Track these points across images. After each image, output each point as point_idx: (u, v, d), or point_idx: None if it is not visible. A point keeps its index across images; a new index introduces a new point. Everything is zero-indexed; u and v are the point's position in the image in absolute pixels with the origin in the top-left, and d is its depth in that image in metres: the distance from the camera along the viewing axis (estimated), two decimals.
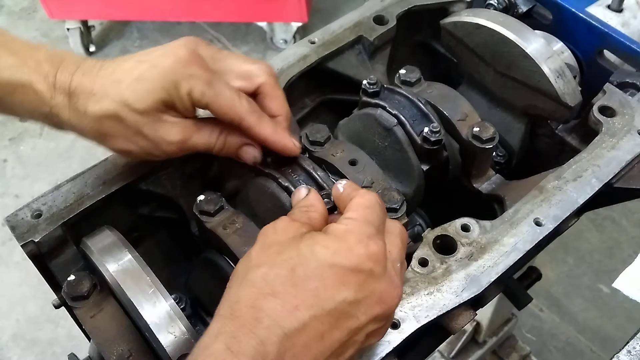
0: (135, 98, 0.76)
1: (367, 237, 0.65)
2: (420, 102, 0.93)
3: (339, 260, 0.62)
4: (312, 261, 0.62)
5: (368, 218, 0.67)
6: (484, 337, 2.20)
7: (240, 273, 0.64)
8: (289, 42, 3.38)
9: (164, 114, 0.78)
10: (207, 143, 0.83)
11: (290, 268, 0.62)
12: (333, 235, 0.65)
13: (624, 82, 1.01)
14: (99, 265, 0.79)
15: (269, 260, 0.63)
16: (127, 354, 0.75)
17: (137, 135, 0.79)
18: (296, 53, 1.04)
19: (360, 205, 0.69)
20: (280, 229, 0.67)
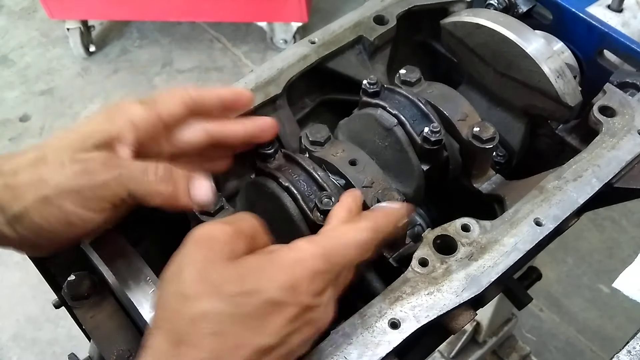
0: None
1: (314, 273, 0.64)
2: (421, 102, 0.93)
3: (281, 297, 0.61)
4: (256, 299, 0.61)
5: (329, 255, 0.66)
6: (484, 337, 2.20)
7: (173, 300, 0.61)
8: (289, 42, 3.38)
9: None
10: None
11: (233, 306, 0.60)
12: (279, 266, 0.63)
13: (624, 82, 1.01)
14: (98, 265, 0.79)
15: (209, 293, 0.60)
16: (127, 354, 0.75)
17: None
18: (296, 53, 1.04)
19: (333, 236, 0.68)
20: (218, 243, 0.63)
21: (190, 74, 3.46)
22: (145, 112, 0.76)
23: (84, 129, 0.74)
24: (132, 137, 0.74)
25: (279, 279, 0.62)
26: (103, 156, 0.71)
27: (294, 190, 0.83)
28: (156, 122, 0.77)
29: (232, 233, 0.64)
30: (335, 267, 0.67)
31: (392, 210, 0.77)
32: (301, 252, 0.65)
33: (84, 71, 3.51)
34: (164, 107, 0.78)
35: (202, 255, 0.63)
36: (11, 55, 3.60)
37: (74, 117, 3.29)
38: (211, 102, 0.82)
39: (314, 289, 0.64)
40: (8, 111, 3.34)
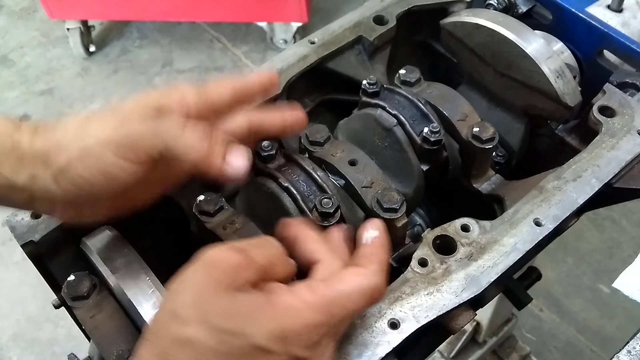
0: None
1: (309, 327, 0.61)
2: (420, 102, 0.93)
3: (269, 346, 0.59)
4: (244, 342, 0.59)
5: (330, 307, 0.63)
6: (484, 337, 2.20)
7: (166, 320, 0.61)
8: (289, 42, 3.38)
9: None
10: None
11: (218, 341, 0.58)
12: (274, 310, 0.61)
13: (624, 82, 1.01)
14: (98, 266, 0.79)
15: (201, 321, 0.59)
16: (127, 354, 0.75)
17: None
18: (296, 53, 1.04)
19: (337, 287, 0.64)
20: (223, 271, 0.62)
21: (190, 74, 3.46)
22: (197, 93, 0.77)
23: (135, 100, 0.76)
24: (182, 111, 0.75)
25: (269, 326, 0.60)
26: (151, 115, 0.73)
27: (294, 191, 0.83)
28: (206, 105, 0.77)
29: (239, 262, 0.62)
30: (334, 318, 0.63)
31: (383, 239, 0.73)
32: (298, 301, 0.62)
33: (84, 71, 3.51)
34: (214, 92, 0.78)
35: (202, 280, 0.61)
36: (11, 55, 3.60)
37: None
38: (253, 89, 0.83)
39: (306, 342, 0.61)
40: (8, 111, 3.34)
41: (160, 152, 0.72)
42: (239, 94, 0.81)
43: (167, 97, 0.76)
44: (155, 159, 0.72)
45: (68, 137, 0.71)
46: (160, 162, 0.73)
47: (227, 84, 0.80)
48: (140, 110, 0.73)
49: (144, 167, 0.72)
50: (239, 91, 0.81)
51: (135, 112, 0.73)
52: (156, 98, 0.75)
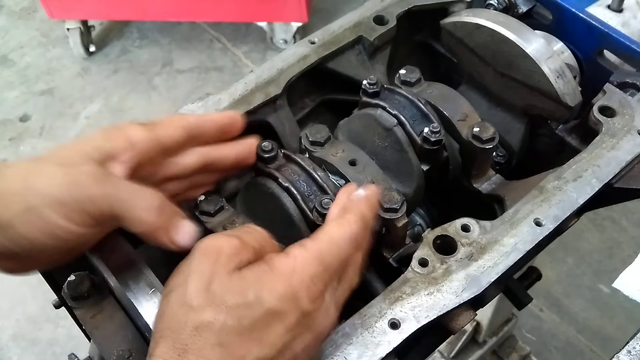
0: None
1: (310, 277, 0.65)
2: (420, 102, 0.93)
3: (281, 307, 0.63)
4: (257, 310, 0.62)
5: (323, 256, 0.67)
6: (484, 337, 2.20)
7: (179, 311, 0.62)
8: (289, 42, 3.39)
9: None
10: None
11: (237, 318, 0.61)
12: (277, 274, 0.64)
13: (624, 82, 1.01)
14: (98, 265, 0.79)
15: (213, 304, 0.61)
16: (127, 354, 0.75)
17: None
18: (296, 53, 1.04)
19: (326, 237, 0.69)
20: (223, 255, 0.64)
21: (190, 74, 3.46)
22: (145, 133, 0.76)
23: (79, 145, 0.74)
24: (128, 156, 0.74)
25: (278, 289, 0.63)
26: (95, 170, 0.71)
27: (294, 191, 0.83)
28: (155, 145, 0.77)
29: (238, 245, 0.65)
30: (330, 267, 0.67)
31: (370, 194, 0.76)
32: (296, 260, 0.66)
33: (84, 71, 3.51)
34: (164, 131, 0.78)
35: (208, 267, 0.63)
36: (11, 55, 3.60)
37: (74, 117, 3.29)
38: (208, 128, 0.83)
39: (312, 294, 0.65)
40: (8, 111, 3.34)
41: (107, 218, 0.71)
42: (192, 133, 0.80)
43: (113, 140, 0.74)
44: (100, 222, 0.71)
45: (10, 191, 0.68)
46: (105, 223, 0.72)
47: (179, 123, 0.79)
48: (85, 160, 0.71)
49: (90, 229, 0.71)
50: (192, 131, 0.80)
51: (81, 165, 0.70)
52: (101, 143, 0.74)
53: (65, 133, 3.22)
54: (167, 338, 0.61)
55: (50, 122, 3.29)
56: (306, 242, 0.68)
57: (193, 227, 0.75)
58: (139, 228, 0.72)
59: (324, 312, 0.67)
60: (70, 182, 0.69)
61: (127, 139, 0.74)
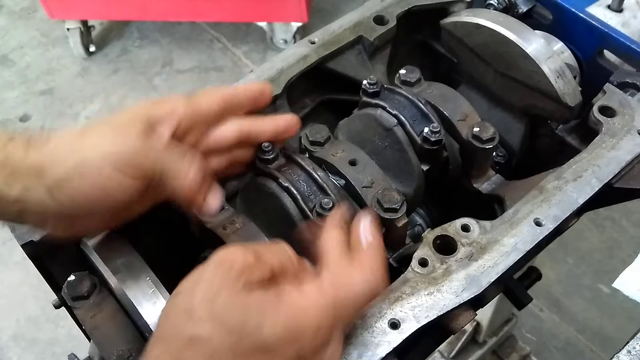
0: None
1: (317, 325, 0.63)
2: (421, 102, 0.93)
3: (281, 346, 0.61)
4: (256, 338, 0.61)
5: (336, 305, 0.65)
6: (484, 337, 2.20)
7: (181, 318, 0.62)
8: (289, 42, 3.38)
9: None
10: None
11: (234, 339, 0.60)
12: (285, 308, 0.62)
13: (624, 82, 1.01)
14: (98, 265, 0.79)
15: (214, 318, 0.60)
16: (127, 354, 0.75)
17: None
18: (296, 53, 1.04)
19: (344, 285, 0.66)
20: (235, 270, 0.63)
21: (190, 74, 3.46)
22: (187, 104, 0.78)
23: (126, 112, 0.76)
24: (173, 123, 0.77)
25: (281, 326, 0.61)
26: (143, 130, 0.74)
27: (294, 191, 0.83)
28: (196, 115, 0.79)
29: (252, 261, 0.64)
30: (342, 318, 0.66)
31: (379, 238, 0.74)
32: (308, 300, 0.64)
33: (84, 71, 3.51)
34: (203, 100, 0.80)
35: (217, 278, 0.62)
36: (11, 55, 3.60)
37: (74, 117, 3.29)
38: (243, 98, 0.84)
39: (316, 343, 0.63)
40: (8, 111, 3.34)
41: (156, 175, 0.73)
42: (227, 104, 0.82)
43: (158, 109, 0.77)
44: (149, 178, 0.73)
45: (64, 149, 0.71)
46: (150, 183, 0.74)
47: (216, 94, 0.82)
48: (133, 122, 0.74)
49: (139, 183, 0.73)
50: (227, 102, 0.82)
51: (130, 126, 0.73)
52: (148, 110, 0.76)
53: None
54: (164, 341, 0.62)
55: (50, 122, 3.28)
56: (324, 280, 0.66)
57: (221, 196, 0.79)
58: (181, 191, 0.75)
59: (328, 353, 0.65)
60: (120, 138, 0.72)
61: (170, 107, 0.77)
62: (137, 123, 0.74)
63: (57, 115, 3.31)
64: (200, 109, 0.80)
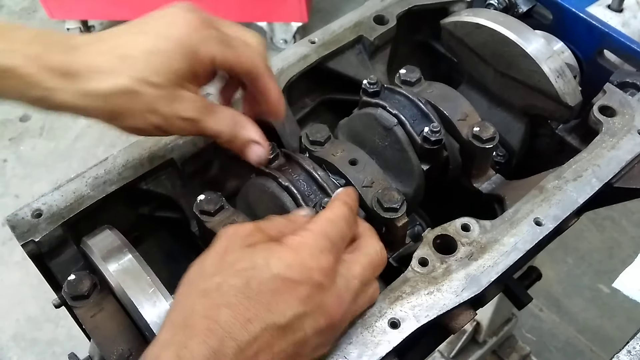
0: (152, 71, 0.73)
1: (319, 250, 0.67)
2: (421, 102, 0.93)
3: (290, 274, 0.64)
4: (265, 273, 0.63)
5: (326, 231, 0.69)
6: (484, 337, 2.20)
7: (193, 280, 0.66)
8: (289, 42, 3.38)
9: (182, 88, 0.75)
10: (217, 130, 0.80)
11: (245, 280, 0.63)
12: (287, 247, 0.66)
13: (624, 82, 1.01)
14: (99, 265, 0.79)
15: (224, 270, 0.64)
16: (127, 354, 0.75)
17: (149, 112, 0.74)
18: (296, 53, 1.04)
19: (323, 218, 0.72)
20: (239, 236, 0.68)
21: None
22: (227, 61, 0.78)
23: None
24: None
25: (287, 258, 0.65)
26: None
27: (294, 190, 0.83)
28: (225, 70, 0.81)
29: (253, 229, 0.69)
30: (335, 243, 0.70)
31: (347, 188, 0.81)
32: (303, 237, 0.68)
33: None
34: (242, 62, 0.79)
35: (224, 243, 0.68)
36: None
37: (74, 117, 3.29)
38: (269, 98, 0.84)
39: (322, 266, 0.66)
40: (8, 111, 3.34)
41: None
42: (254, 81, 0.82)
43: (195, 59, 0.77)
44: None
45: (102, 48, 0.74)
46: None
47: (261, 70, 0.82)
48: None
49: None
50: (257, 81, 0.82)
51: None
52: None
53: (65, 133, 3.22)
54: (177, 304, 0.65)
55: (50, 122, 3.29)
56: (306, 226, 0.71)
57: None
58: (245, 68, 0.79)
59: (336, 294, 0.67)
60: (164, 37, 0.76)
61: (210, 56, 0.76)
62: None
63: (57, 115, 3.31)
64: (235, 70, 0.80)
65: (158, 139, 0.93)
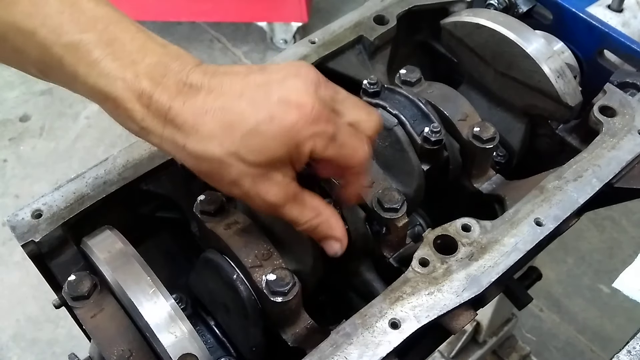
0: (248, 151, 0.68)
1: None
2: (421, 102, 0.93)
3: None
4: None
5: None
6: (484, 337, 2.20)
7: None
8: (289, 42, 3.38)
9: (274, 171, 0.71)
10: (297, 217, 0.75)
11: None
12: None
13: (624, 82, 1.01)
14: (99, 265, 0.79)
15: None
16: (128, 354, 0.75)
17: (233, 184, 0.71)
18: (296, 53, 1.04)
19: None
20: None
21: None
22: (326, 154, 0.73)
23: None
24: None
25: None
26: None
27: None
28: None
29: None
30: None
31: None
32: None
33: None
34: (342, 155, 0.74)
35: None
36: None
37: (74, 117, 3.29)
38: (353, 189, 0.82)
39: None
40: (8, 111, 3.34)
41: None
42: (348, 171, 0.78)
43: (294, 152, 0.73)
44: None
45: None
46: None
47: (361, 161, 0.77)
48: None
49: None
50: (350, 171, 0.78)
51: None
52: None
53: (65, 133, 3.22)
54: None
55: (50, 122, 3.29)
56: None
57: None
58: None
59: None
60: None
61: (311, 150, 0.71)
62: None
63: (57, 115, 3.31)
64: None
65: None
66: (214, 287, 0.84)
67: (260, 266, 0.78)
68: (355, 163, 0.75)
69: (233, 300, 0.81)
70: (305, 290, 0.81)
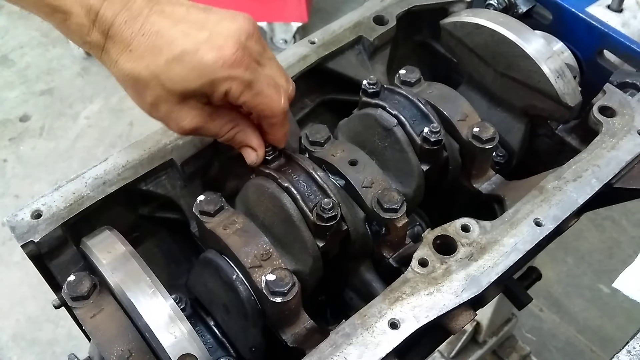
0: (167, 77, 0.75)
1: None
2: (420, 103, 0.93)
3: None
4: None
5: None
6: (484, 337, 2.20)
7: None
8: (289, 42, 3.38)
9: (190, 99, 0.79)
10: (216, 133, 0.84)
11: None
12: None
13: (624, 82, 1.01)
14: (99, 266, 0.79)
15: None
16: (127, 354, 0.75)
17: (153, 105, 0.79)
18: (296, 53, 1.04)
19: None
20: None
21: None
22: (241, 99, 0.79)
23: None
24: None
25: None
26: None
27: (294, 191, 0.83)
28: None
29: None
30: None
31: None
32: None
33: (84, 71, 3.51)
34: (257, 103, 0.81)
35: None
36: (11, 55, 3.60)
37: (74, 117, 3.29)
38: (272, 137, 0.88)
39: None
40: (8, 111, 3.34)
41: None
42: (264, 120, 0.86)
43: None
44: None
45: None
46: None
47: (276, 112, 0.85)
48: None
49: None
50: (266, 121, 0.86)
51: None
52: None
53: (65, 133, 3.22)
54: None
55: (50, 122, 3.29)
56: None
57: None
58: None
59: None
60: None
61: (226, 91, 0.78)
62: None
63: (57, 115, 3.31)
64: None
65: (158, 139, 0.93)
66: (213, 288, 0.84)
67: (259, 266, 0.78)
68: (270, 113, 0.82)
69: (232, 300, 0.81)
70: (304, 290, 0.81)
